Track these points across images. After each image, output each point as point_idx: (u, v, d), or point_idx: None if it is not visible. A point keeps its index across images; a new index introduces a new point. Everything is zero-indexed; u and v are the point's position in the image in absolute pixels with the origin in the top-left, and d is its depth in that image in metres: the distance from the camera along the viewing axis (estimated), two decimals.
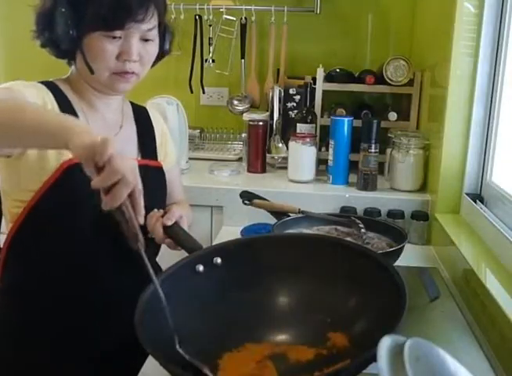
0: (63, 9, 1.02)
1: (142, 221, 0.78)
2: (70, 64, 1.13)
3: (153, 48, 1.10)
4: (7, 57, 2.41)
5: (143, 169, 1.11)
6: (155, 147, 1.23)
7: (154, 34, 1.08)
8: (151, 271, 0.79)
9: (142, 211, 0.78)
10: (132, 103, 1.26)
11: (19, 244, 1.08)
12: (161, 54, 1.15)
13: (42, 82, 1.08)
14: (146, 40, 1.07)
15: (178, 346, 0.79)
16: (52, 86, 1.08)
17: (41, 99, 1.02)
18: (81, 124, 0.83)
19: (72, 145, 0.76)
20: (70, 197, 1.02)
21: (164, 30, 1.12)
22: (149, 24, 1.05)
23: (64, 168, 1.01)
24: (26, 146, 0.96)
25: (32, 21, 1.08)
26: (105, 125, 1.14)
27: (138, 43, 1.05)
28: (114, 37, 1.03)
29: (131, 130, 1.19)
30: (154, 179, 1.17)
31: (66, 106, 1.06)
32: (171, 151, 1.29)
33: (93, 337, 1.09)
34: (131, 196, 0.76)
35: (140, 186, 0.77)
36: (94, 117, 1.12)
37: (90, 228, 1.05)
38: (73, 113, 1.06)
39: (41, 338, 1.07)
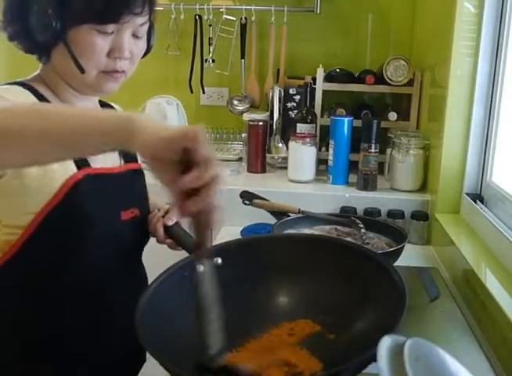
0: None
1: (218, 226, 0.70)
2: (42, 60, 0.99)
3: (143, 45, 1.01)
4: (7, 57, 2.41)
5: (130, 174, 1.06)
6: None
7: (145, 30, 0.99)
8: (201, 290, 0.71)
9: (218, 217, 0.69)
10: (100, 101, 1.12)
11: (14, 270, 0.97)
12: (147, 50, 1.05)
13: (18, 84, 0.96)
14: (137, 36, 0.98)
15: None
16: (29, 88, 0.95)
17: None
18: (142, 115, 0.68)
19: (140, 140, 0.64)
20: (78, 215, 0.95)
21: (150, 26, 1.03)
22: (143, 19, 0.96)
23: (71, 184, 0.92)
24: (67, 156, 0.80)
25: None
26: None
27: (130, 39, 0.96)
28: (106, 33, 0.92)
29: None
30: (139, 183, 1.11)
31: None
32: None
33: (93, 337, 1.08)
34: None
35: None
36: None
37: (98, 244, 1.00)
38: None
39: (41, 338, 1.06)
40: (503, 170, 1.44)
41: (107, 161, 1.01)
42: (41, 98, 0.95)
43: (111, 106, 1.16)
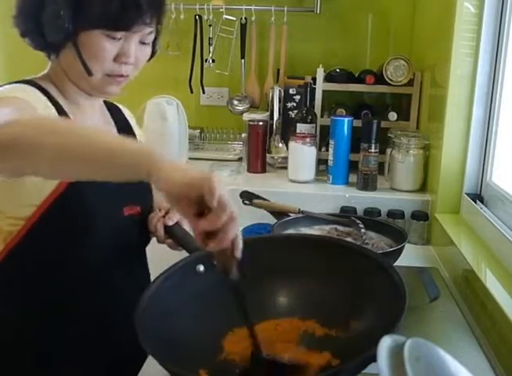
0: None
1: (239, 255, 0.72)
2: (50, 58, 1.02)
3: (148, 51, 1.05)
4: (7, 57, 2.41)
5: None
6: None
7: (151, 38, 1.03)
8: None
9: (240, 245, 0.71)
10: (104, 101, 1.16)
11: (15, 262, 1.00)
12: (151, 55, 1.08)
13: (25, 82, 0.98)
14: (144, 43, 1.02)
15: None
16: (38, 86, 0.98)
17: (44, 108, 0.95)
18: (162, 153, 0.70)
19: (160, 179, 0.67)
20: (79, 208, 0.97)
21: (157, 32, 1.07)
22: (152, 28, 1.01)
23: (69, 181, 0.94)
24: (91, 178, 0.77)
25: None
26: None
27: (137, 45, 1.00)
28: (115, 38, 0.96)
29: (112, 131, 1.12)
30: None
31: (58, 108, 0.98)
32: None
33: (93, 337, 1.09)
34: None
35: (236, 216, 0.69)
36: (84, 121, 1.04)
37: (99, 238, 1.02)
38: (66, 116, 0.99)
39: (42, 339, 1.07)
40: (503, 170, 1.44)
41: None
42: (49, 97, 0.98)
43: (116, 106, 1.18)
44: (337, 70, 2.02)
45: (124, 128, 1.16)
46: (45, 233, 0.97)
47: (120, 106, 1.20)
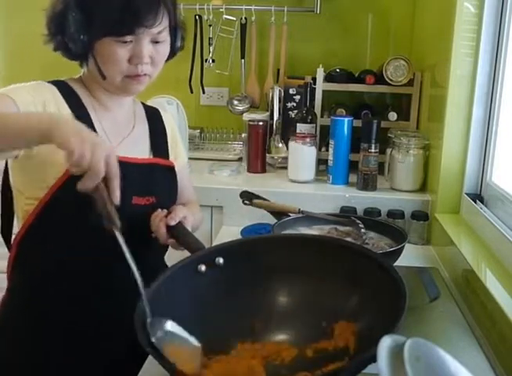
0: (74, 14, 1.02)
1: (116, 202, 0.85)
2: (82, 66, 1.12)
3: (164, 49, 1.09)
4: (7, 57, 2.41)
5: (153, 167, 1.15)
6: (167, 147, 1.23)
7: (165, 36, 1.07)
8: (126, 253, 0.84)
9: (117, 193, 0.85)
10: (143, 104, 1.25)
11: (30, 241, 1.07)
12: (173, 52, 1.14)
13: (51, 82, 1.08)
14: (157, 42, 1.06)
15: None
16: (60, 85, 1.08)
17: (38, 101, 1.01)
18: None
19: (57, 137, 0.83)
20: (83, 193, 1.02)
21: (174, 28, 1.11)
22: (159, 27, 1.04)
23: None
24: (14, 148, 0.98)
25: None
26: (116, 125, 1.13)
27: (149, 45, 1.05)
28: (125, 42, 1.02)
29: (143, 130, 1.19)
30: (164, 178, 1.18)
31: (76, 104, 1.07)
32: (181, 152, 1.29)
33: (93, 337, 1.09)
34: (106, 180, 0.83)
35: (114, 170, 0.84)
36: (105, 117, 1.12)
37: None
38: (85, 111, 1.08)
39: (44, 338, 1.07)
40: (503, 170, 1.44)
41: (133, 151, 1.12)
42: (71, 94, 1.08)
43: (155, 109, 1.26)
44: (337, 70, 2.02)
45: (156, 128, 1.23)
46: (54, 212, 1.04)
47: (161, 110, 1.28)
